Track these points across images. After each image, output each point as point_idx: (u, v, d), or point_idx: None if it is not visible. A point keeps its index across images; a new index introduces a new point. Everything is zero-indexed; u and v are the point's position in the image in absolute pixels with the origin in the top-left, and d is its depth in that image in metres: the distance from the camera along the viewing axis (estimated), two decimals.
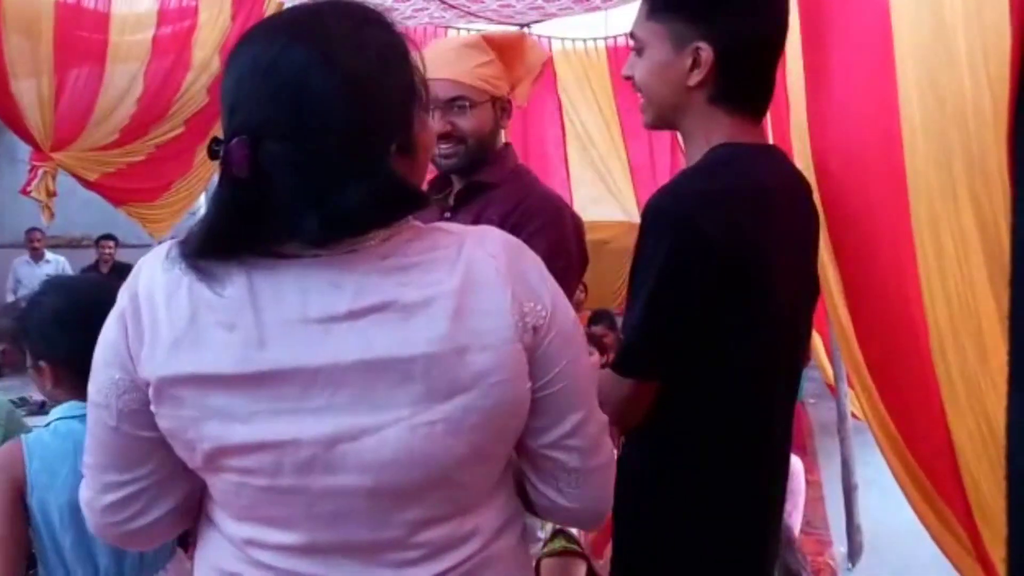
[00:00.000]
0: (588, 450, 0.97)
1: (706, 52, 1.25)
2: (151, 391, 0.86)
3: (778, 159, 1.39)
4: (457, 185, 1.85)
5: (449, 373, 0.85)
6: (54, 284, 1.63)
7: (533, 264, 0.93)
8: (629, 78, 1.36)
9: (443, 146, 1.75)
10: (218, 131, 0.87)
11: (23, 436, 1.48)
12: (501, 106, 1.83)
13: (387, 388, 0.85)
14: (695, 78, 1.27)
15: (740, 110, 1.30)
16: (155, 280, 0.87)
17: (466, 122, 1.77)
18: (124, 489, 0.93)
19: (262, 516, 0.90)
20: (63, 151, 5.26)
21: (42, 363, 1.49)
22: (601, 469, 0.99)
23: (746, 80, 1.29)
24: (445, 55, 1.76)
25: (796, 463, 2.74)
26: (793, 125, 2.02)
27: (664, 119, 1.36)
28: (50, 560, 1.45)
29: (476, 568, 0.93)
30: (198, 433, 0.86)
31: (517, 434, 0.94)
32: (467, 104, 1.76)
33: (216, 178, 0.89)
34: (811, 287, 1.47)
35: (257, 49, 0.84)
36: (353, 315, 0.84)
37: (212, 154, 0.84)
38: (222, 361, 0.83)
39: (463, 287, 0.86)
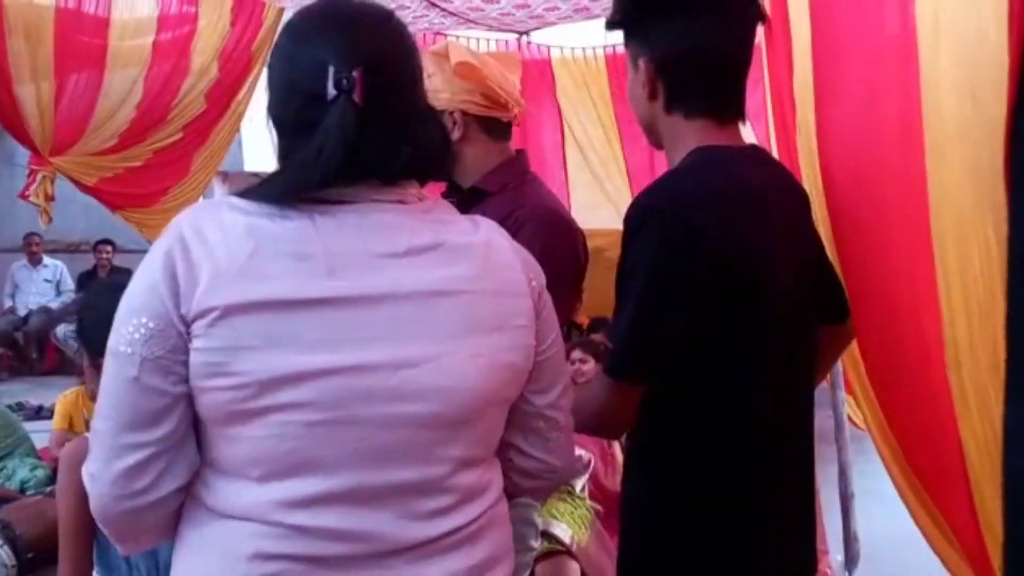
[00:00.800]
0: (570, 409, 1.13)
1: (645, 64, 1.31)
2: (203, 323, 0.86)
3: (761, 158, 1.41)
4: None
5: (490, 309, 0.97)
6: (107, 286, 1.68)
7: (525, 249, 1.09)
8: None
9: None
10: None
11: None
12: (452, 120, 1.80)
13: (442, 318, 0.94)
14: (645, 90, 1.33)
15: (697, 115, 1.33)
16: (202, 225, 0.90)
17: None
18: (140, 452, 0.91)
19: (303, 462, 0.89)
20: (62, 155, 5.25)
21: None
22: (571, 427, 1.16)
23: (689, 86, 1.32)
24: None
25: None
26: (799, 128, 2.01)
27: (650, 137, 1.40)
28: (113, 557, 1.47)
29: (484, 527, 1.00)
30: (254, 363, 0.86)
31: (521, 387, 1.05)
32: None
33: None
34: (821, 284, 1.46)
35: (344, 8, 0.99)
36: (411, 252, 0.94)
37: (335, 84, 0.91)
38: (291, 287, 0.88)
39: (488, 244, 1.01)
